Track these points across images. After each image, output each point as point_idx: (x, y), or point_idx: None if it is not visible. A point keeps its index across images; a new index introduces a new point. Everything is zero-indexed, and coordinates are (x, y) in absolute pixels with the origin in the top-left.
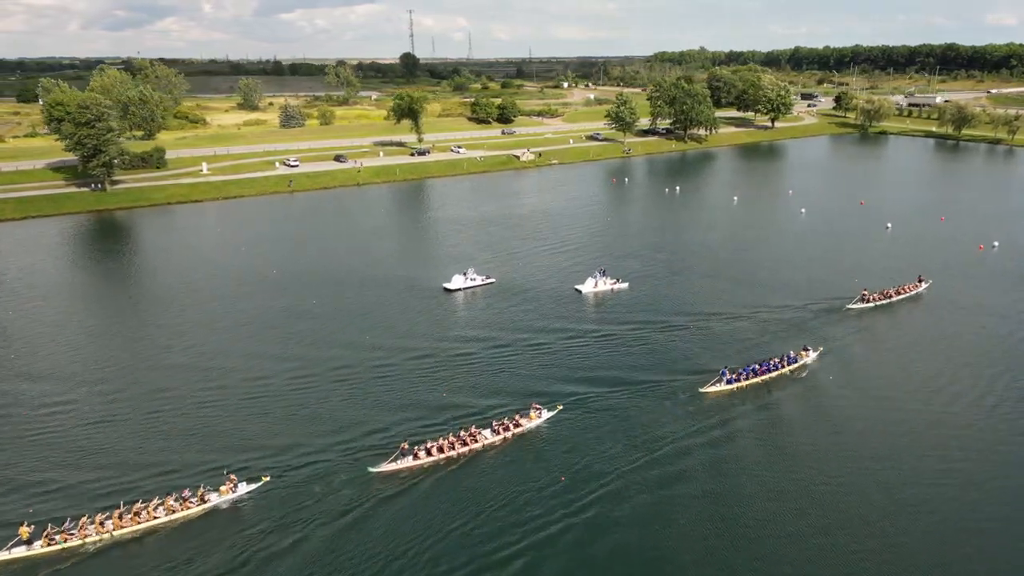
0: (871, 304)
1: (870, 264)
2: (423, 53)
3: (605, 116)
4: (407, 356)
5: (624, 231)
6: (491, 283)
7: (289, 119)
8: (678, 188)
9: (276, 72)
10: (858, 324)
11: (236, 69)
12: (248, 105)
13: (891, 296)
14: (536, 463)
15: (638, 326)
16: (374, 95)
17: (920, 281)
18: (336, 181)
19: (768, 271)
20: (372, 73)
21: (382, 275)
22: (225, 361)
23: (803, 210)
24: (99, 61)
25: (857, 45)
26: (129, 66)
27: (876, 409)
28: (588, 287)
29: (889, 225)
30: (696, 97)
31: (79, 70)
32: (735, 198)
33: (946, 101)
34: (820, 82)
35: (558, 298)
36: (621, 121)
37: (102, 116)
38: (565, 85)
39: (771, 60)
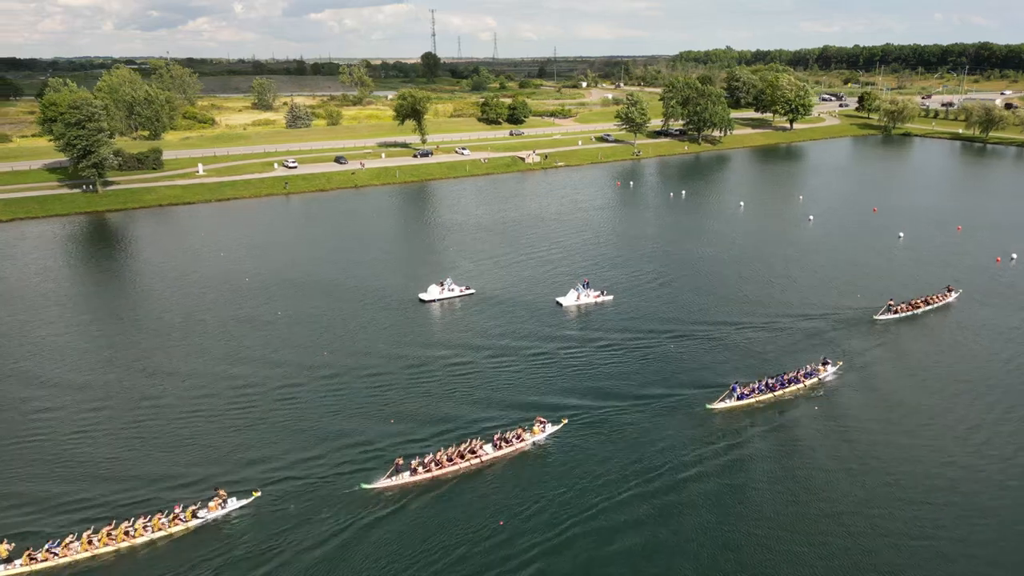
0: (897, 315)
1: (876, 277)
2: (449, 53)
3: (615, 117)
4: (361, 373)
5: (618, 239)
6: (470, 294)
7: (296, 119)
8: (683, 192)
9: (298, 72)
10: (882, 336)
11: (259, 69)
12: (262, 105)
13: (918, 306)
14: (535, 481)
15: (624, 340)
16: (390, 95)
17: (949, 291)
18: (333, 183)
19: (760, 284)
20: (394, 73)
21: (357, 284)
22: (175, 372)
23: (811, 217)
24: (130, 61)
25: (887, 44)
26: (143, 66)
27: (902, 434)
28: (570, 300)
29: (901, 235)
30: (710, 97)
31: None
32: (741, 204)
33: (969, 100)
34: (846, 82)
35: (539, 311)
36: (631, 122)
37: (93, 117)
38: (583, 85)
39: (798, 59)
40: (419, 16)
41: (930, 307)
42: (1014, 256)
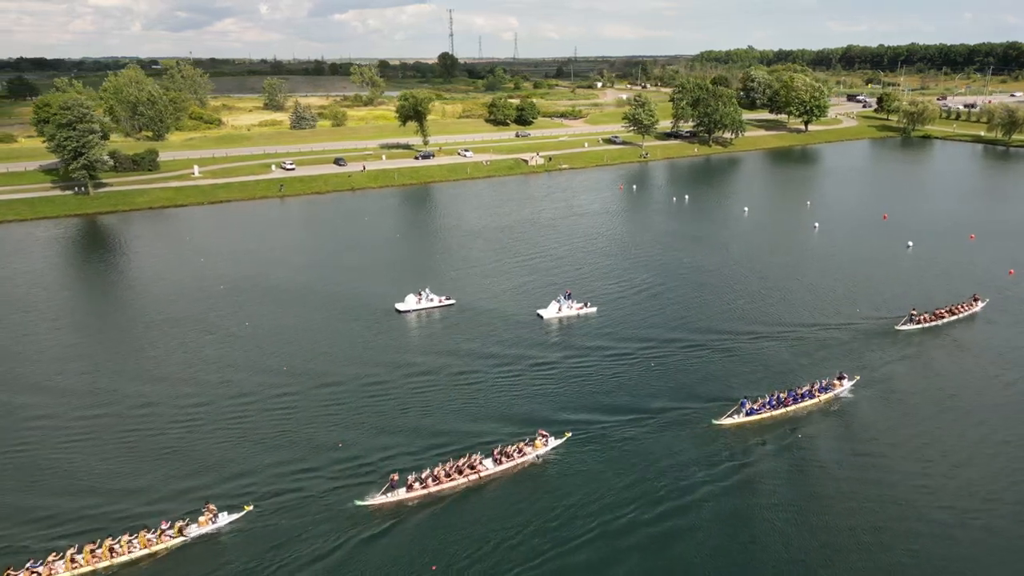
0: (920, 325)
1: (878, 288)
2: (471, 53)
3: (622, 118)
4: (310, 383)
5: (611, 246)
6: (449, 304)
7: (300, 120)
8: (687, 197)
9: (316, 72)
10: (904, 349)
11: (277, 69)
12: (273, 106)
13: (943, 316)
14: (532, 500)
15: (606, 353)
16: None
17: (976, 300)
18: (329, 186)
19: (750, 296)
20: (411, 73)
21: (332, 291)
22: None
23: (816, 225)
24: (153, 61)
25: (913, 43)
26: (154, 65)
27: (924, 456)
28: (551, 312)
29: (910, 243)
30: (721, 98)
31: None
32: (745, 209)
33: (989, 102)
34: (868, 82)
35: (520, 323)
36: (638, 124)
37: (83, 118)
38: (599, 85)
39: (821, 59)
40: (441, 16)
41: (955, 317)
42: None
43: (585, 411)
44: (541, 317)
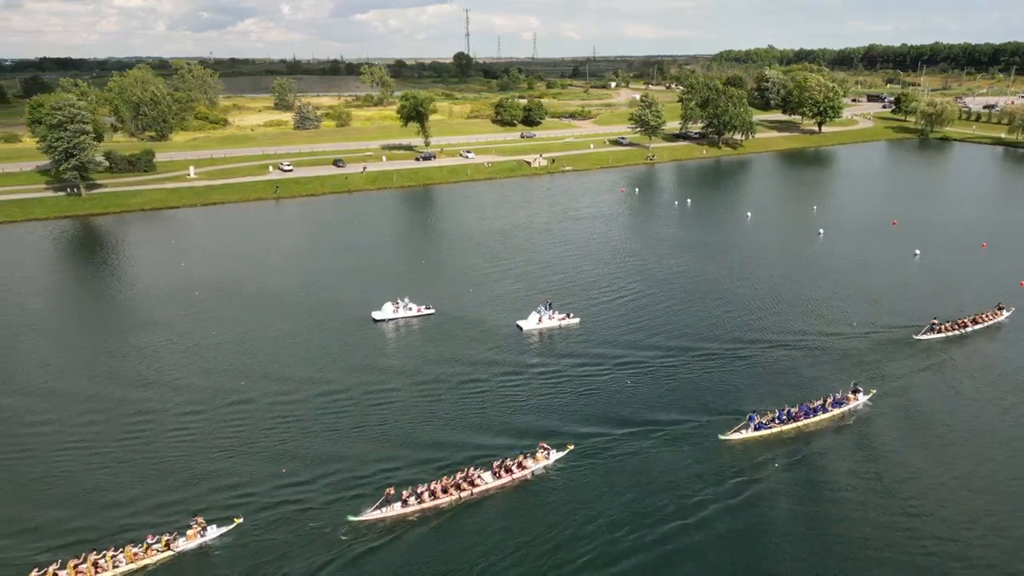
0: (941, 335)
1: (879, 298)
2: (489, 53)
3: (628, 119)
4: (273, 396)
5: (603, 252)
6: (429, 314)
7: (304, 120)
8: (689, 201)
9: (332, 72)
10: (923, 360)
11: (293, 69)
12: (283, 105)
13: (966, 326)
14: (528, 517)
15: (582, 364)
16: None
17: (1000, 309)
18: (326, 188)
19: (741, 307)
20: (428, 73)
21: (309, 298)
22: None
23: (821, 231)
24: (164, 63)
25: (936, 43)
26: (165, 65)
27: (945, 476)
28: (531, 323)
29: (917, 252)
30: (731, 99)
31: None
32: (748, 214)
33: (1012, 103)
34: (888, 82)
35: (499, 335)
36: (645, 125)
37: (74, 118)
38: (612, 85)
39: (842, 59)
40: (462, 16)
41: (979, 326)
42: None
43: (584, 423)
44: (520, 328)
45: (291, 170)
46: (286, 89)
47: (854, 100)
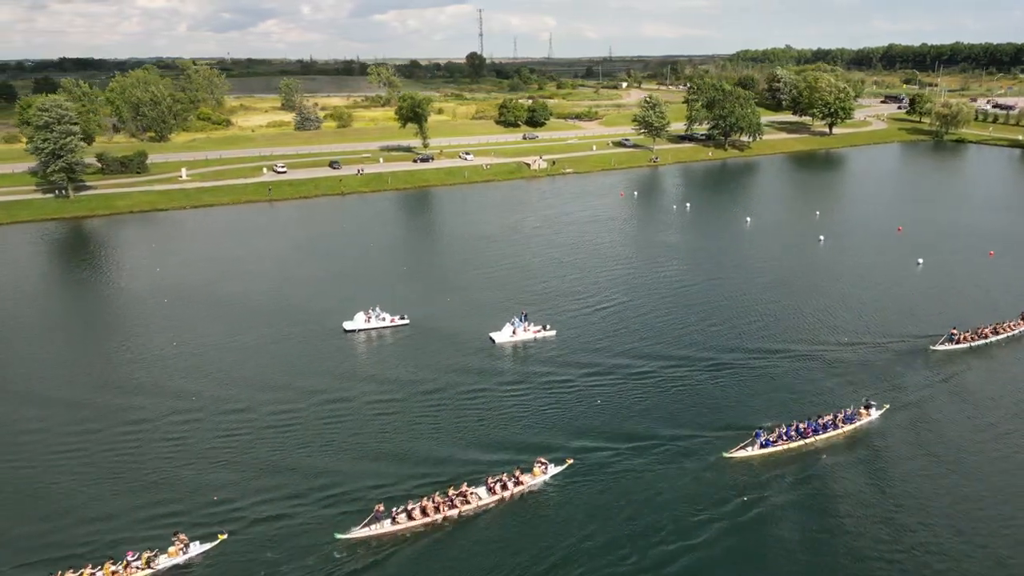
0: (960, 345)
1: (869, 315)
2: (506, 53)
3: (632, 120)
4: (222, 412)
5: (590, 259)
6: (403, 324)
7: (305, 121)
8: (688, 205)
9: (346, 72)
10: (940, 371)
11: (307, 69)
12: (289, 106)
13: (987, 336)
14: (518, 539)
15: (553, 378)
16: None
17: None
18: (319, 190)
19: (725, 318)
20: (441, 73)
21: (281, 305)
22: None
23: (821, 238)
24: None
25: (957, 42)
26: (171, 66)
27: (966, 504)
28: (504, 335)
29: (920, 260)
30: (738, 100)
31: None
32: (748, 219)
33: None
34: (907, 82)
35: (473, 347)
36: (649, 126)
37: (62, 119)
38: (623, 85)
39: (861, 59)
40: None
41: (1000, 336)
42: None
43: (574, 438)
44: (493, 341)
45: (285, 172)
46: (292, 89)
47: (882, 100)
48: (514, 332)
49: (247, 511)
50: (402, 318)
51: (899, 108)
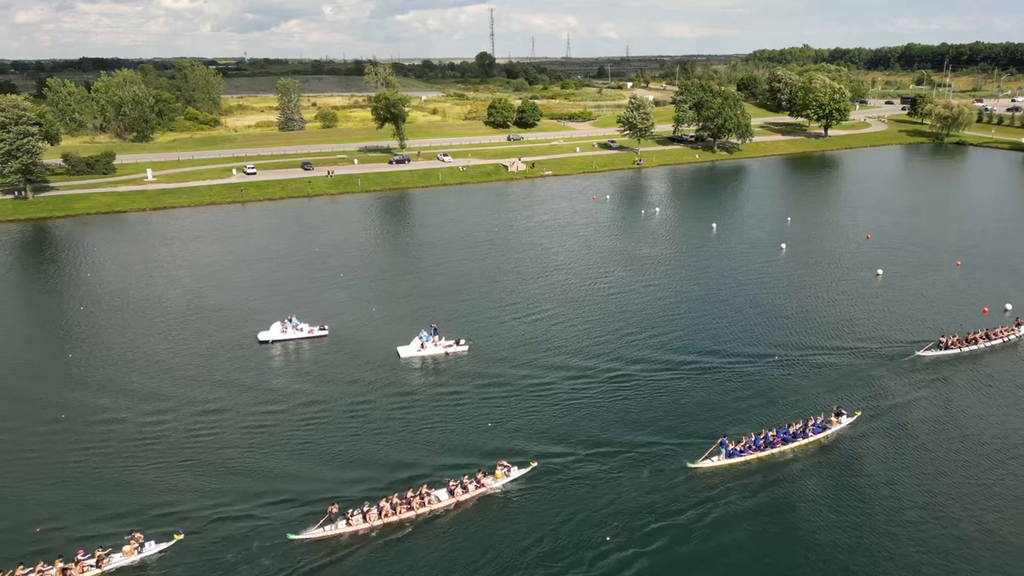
0: (951, 351)
1: (816, 330)
2: (524, 52)
3: (616, 121)
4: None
5: (532, 268)
6: (322, 336)
7: (288, 121)
8: (657, 210)
9: (356, 72)
10: (923, 378)
11: (318, 69)
12: (286, 106)
13: (976, 342)
14: (484, 535)
15: (480, 392)
16: (424, 95)
17: (1019, 325)
18: (286, 192)
19: (669, 327)
20: (451, 73)
21: (199, 313)
22: None
23: (783, 246)
24: (212, 62)
25: (977, 42)
26: (167, 65)
27: (940, 519)
28: (411, 350)
29: (880, 272)
30: (727, 101)
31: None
32: (714, 226)
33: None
34: (918, 82)
35: (381, 361)
36: (633, 127)
37: (19, 119)
38: (629, 85)
39: (879, 58)
40: (499, 16)
41: (991, 342)
42: (1008, 307)
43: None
44: (399, 356)
45: (255, 173)
46: (290, 89)
47: (887, 101)
48: (422, 346)
49: (201, 512)
50: (322, 328)
51: (902, 109)
